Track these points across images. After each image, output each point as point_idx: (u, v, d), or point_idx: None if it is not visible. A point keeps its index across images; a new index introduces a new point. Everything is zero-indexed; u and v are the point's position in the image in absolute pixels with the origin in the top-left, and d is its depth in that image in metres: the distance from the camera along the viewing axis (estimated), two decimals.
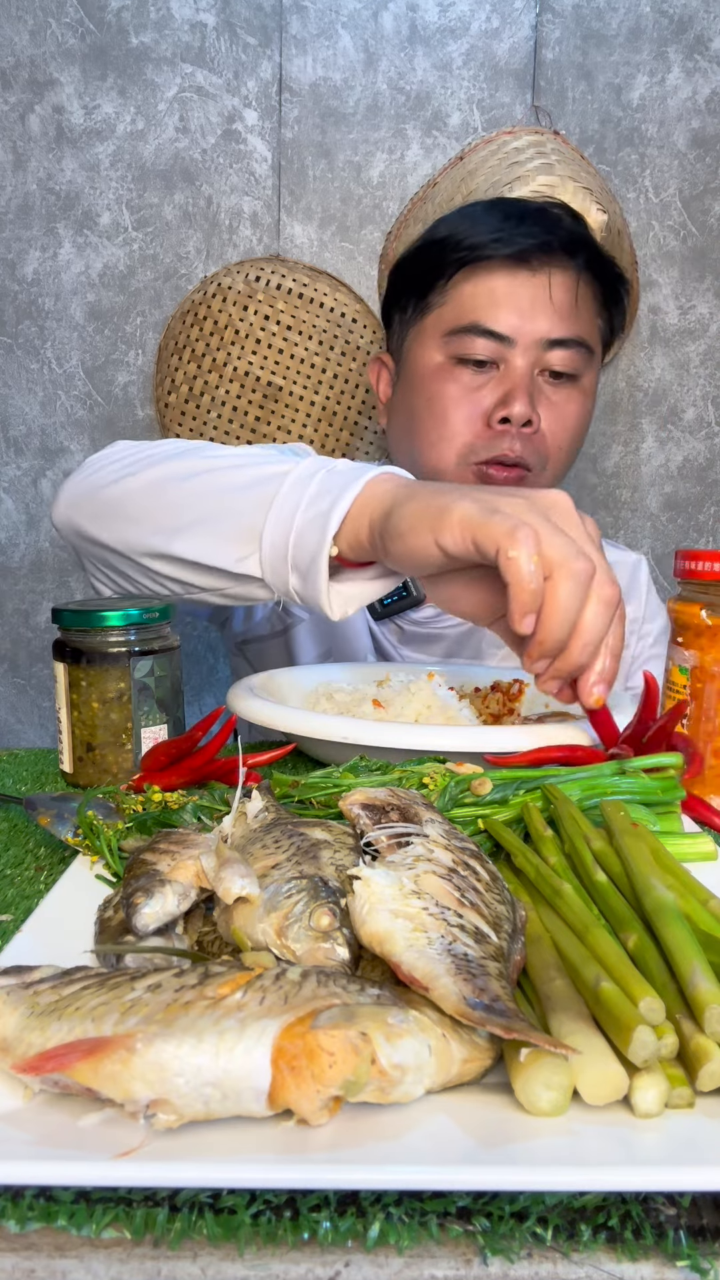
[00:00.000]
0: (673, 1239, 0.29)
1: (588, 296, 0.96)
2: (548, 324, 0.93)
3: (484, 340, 0.93)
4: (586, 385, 0.98)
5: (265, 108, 1.45)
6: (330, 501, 0.65)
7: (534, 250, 0.92)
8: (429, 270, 0.97)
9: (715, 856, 0.53)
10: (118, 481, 0.77)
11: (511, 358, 0.93)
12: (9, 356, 1.50)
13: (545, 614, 0.57)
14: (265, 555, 0.67)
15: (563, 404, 0.96)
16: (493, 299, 0.93)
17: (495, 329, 0.93)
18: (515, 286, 0.93)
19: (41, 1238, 0.29)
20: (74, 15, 1.41)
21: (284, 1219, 0.29)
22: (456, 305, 0.95)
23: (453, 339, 0.94)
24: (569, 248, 0.94)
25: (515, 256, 0.92)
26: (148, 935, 0.41)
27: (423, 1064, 0.31)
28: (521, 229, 0.93)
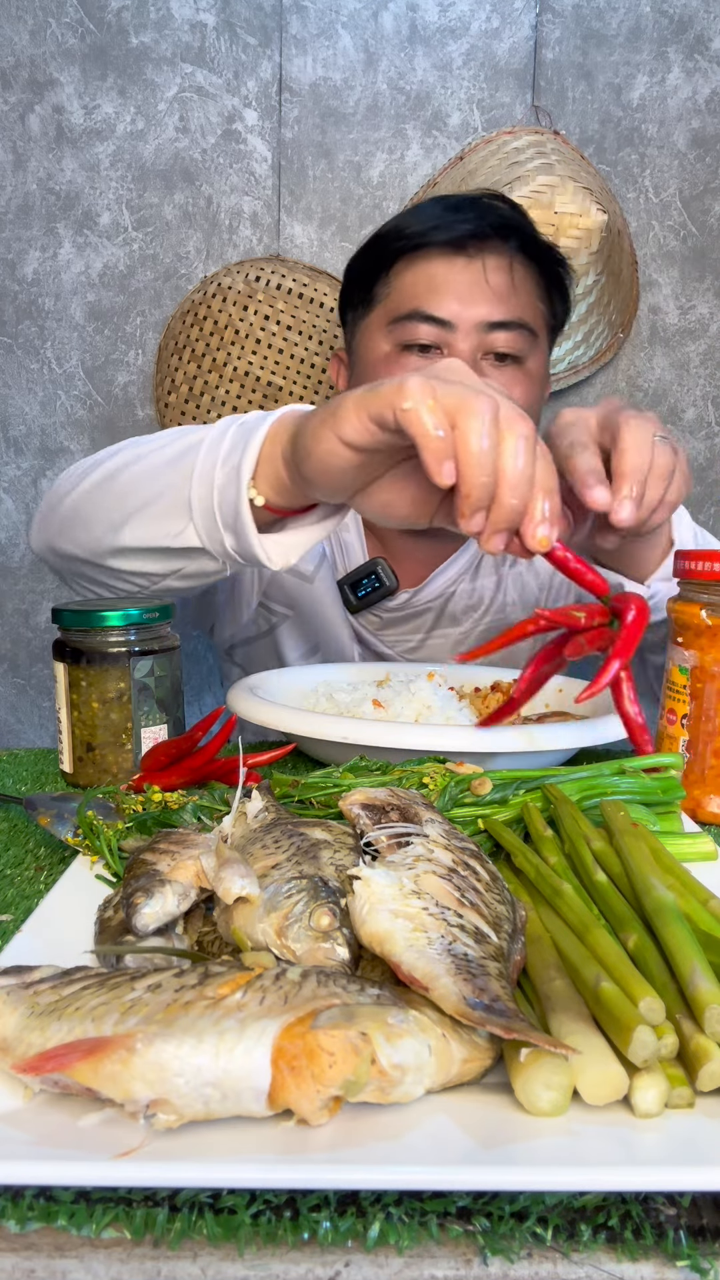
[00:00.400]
0: (673, 1239, 0.29)
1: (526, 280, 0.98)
2: (487, 307, 0.95)
3: (426, 326, 0.95)
4: (532, 368, 0.99)
5: (265, 108, 1.45)
6: (241, 451, 0.65)
7: (468, 236, 0.95)
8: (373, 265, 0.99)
9: (715, 856, 0.53)
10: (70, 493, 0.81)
11: (454, 342, 0.95)
12: (9, 356, 1.50)
13: (460, 460, 0.55)
14: (198, 522, 0.68)
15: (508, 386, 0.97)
16: (431, 285, 0.95)
17: (436, 314, 0.95)
18: (453, 272, 0.95)
19: (41, 1238, 0.29)
20: (74, 15, 1.41)
21: (284, 1219, 0.29)
22: (399, 294, 0.97)
23: (397, 327, 0.96)
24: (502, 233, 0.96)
25: (451, 243, 0.95)
26: (148, 935, 0.41)
27: (423, 1064, 0.31)
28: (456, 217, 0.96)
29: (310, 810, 0.55)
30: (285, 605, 1.07)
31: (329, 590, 1.06)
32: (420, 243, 0.96)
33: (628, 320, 1.48)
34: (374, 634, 1.07)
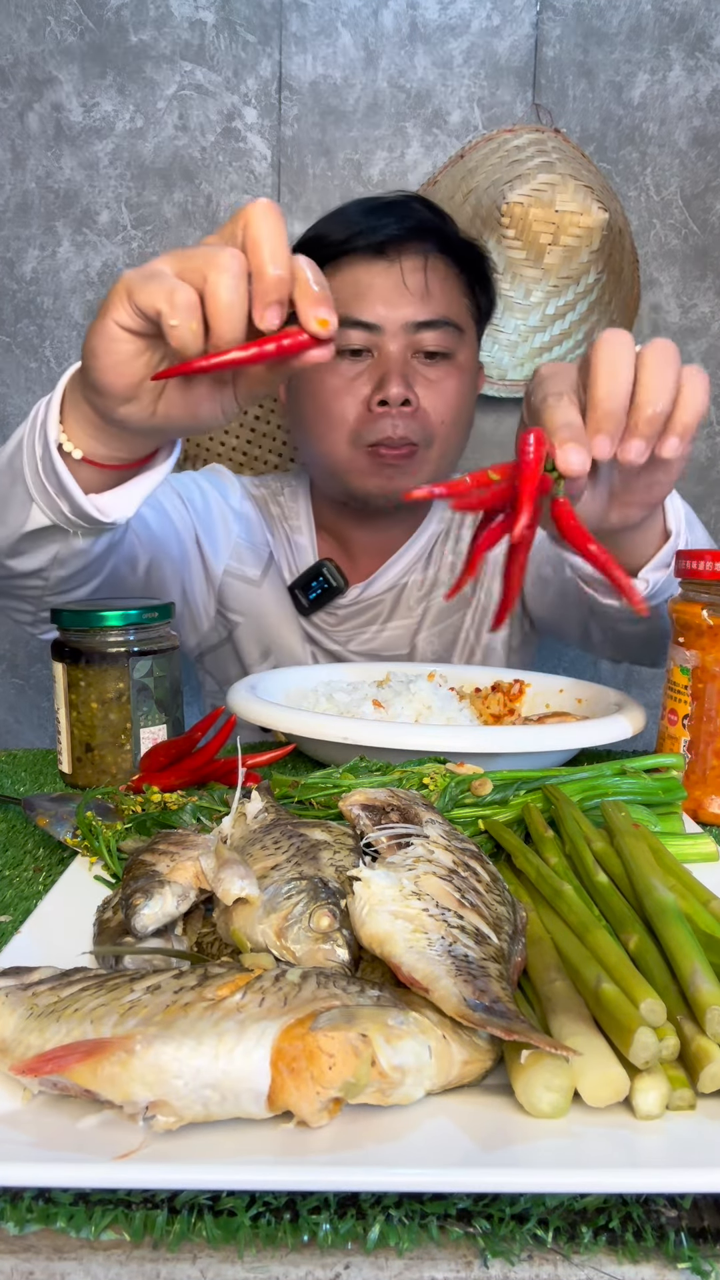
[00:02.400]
0: (674, 1241, 0.29)
1: (447, 278, 1.00)
2: (411, 309, 0.97)
3: (356, 331, 0.97)
4: (463, 362, 1.02)
5: (265, 105, 1.44)
6: (44, 411, 0.66)
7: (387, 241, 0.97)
8: None
9: (716, 857, 0.53)
10: None
11: (384, 344, 0.98)
12: (8, 355, 1.50)
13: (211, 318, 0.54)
14: (37, 498, 0.69)
15: (440, 381, 1.00)
16: (357, 291, 0.98)
17: (363, 318, 0.97)
18: (374, 276, 0.98)
19: (40, 1240, 0.29)
20: (73, 13, 1.41)
21: (284, 1221, 0.29)
22: None
23: None
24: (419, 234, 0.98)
25: (372, 248, 0.97)
26: (147, 936, 0.41)
27: (423, 1066, 0.31)
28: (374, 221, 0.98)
29: (310, 811, 0.55)
30: (238, 611, 1.09)
31: (276, 593, 1.08)
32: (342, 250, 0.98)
33: (629, 319, 1.48)
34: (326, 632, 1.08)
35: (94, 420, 0.64)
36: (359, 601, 1.08)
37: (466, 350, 1.03)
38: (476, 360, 1.07)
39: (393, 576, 1.09)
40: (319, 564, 1.06)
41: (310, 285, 0.55)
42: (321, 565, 1.05)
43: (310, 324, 0.55)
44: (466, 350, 1.03)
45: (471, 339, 1.04)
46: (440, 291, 1.00)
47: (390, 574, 1.09)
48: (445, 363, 1.01)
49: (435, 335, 0.98)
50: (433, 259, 0.99)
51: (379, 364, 0.98)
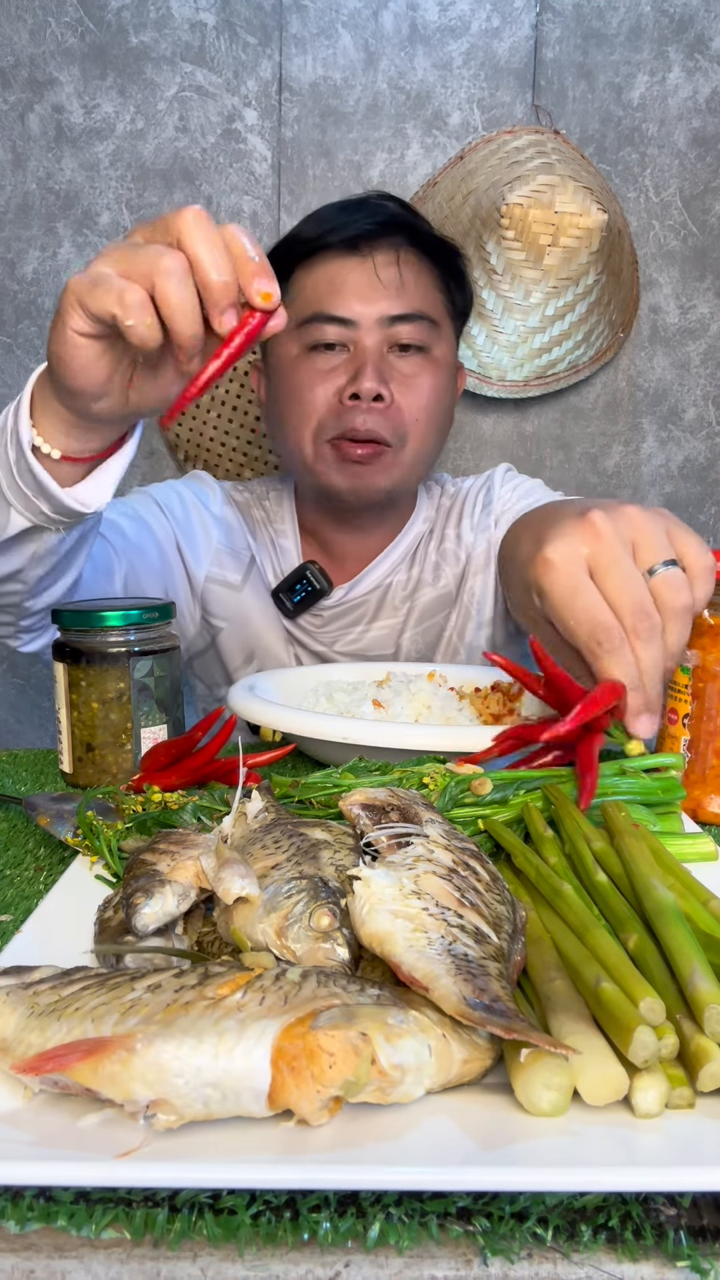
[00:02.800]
0: (673, 1239, 0.29)
1: (422, 273, 1.01)
2: (386, 302, 0.98)
3: (330, 326, 0.98)
4: (439, 357, 1.02)
5: (265, 107, 1.45)
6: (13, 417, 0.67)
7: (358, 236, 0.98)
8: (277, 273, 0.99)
9: (716, 857, 0.53)
10: None
11: (359, 338, 0.98)
12: (8, 356, 1.50)
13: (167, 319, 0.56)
14: (15, 503, 0.70)
15: (415, 375, 1.00)
16: (331, 286, 0.98)
17: (338, 313, 0.98)
18: (349, 272, 0.98)
19: (41, 1238, 0.29)
20: (74, 14, 1.41)
21: (284, 1219, 0.29)
22: (301, 298, 1.00)
23: (303, 330, 0.99)
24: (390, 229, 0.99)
25: (345, 244, 0.98)
26: (147, 935, 0.41)
27: (423, 1064, 0.31)
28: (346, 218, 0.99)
29: (310, 810, 0.55)
30: (220, 617, 1.09)
31: (258, 597, 1.08)
32: (315, 246, 0.99)
33: (628, 320, 1.48)
34: (311, 634, 1.08)
35: (67, 418, 0.65)
36: (344, 603, 1.08)
37: (443, 346, 1.03)
38: (454, 358, 1.07)
39: (377, 577, 1.09)
40: (303, 566, 1.05)
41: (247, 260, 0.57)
42: (305, 568, 1.05)
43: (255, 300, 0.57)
44: (443, 346, 1.03)
45: (448, 335, 1.04)
46: (414, 285, 1.00)
47: (374, 575, 1.09)
48: (421, 357, 1.00)
49: (410, 329, 0.98)
50: (405, 253, 1.00)
51: (354, 358, 0.98)
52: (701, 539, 0.60)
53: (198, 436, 1.46)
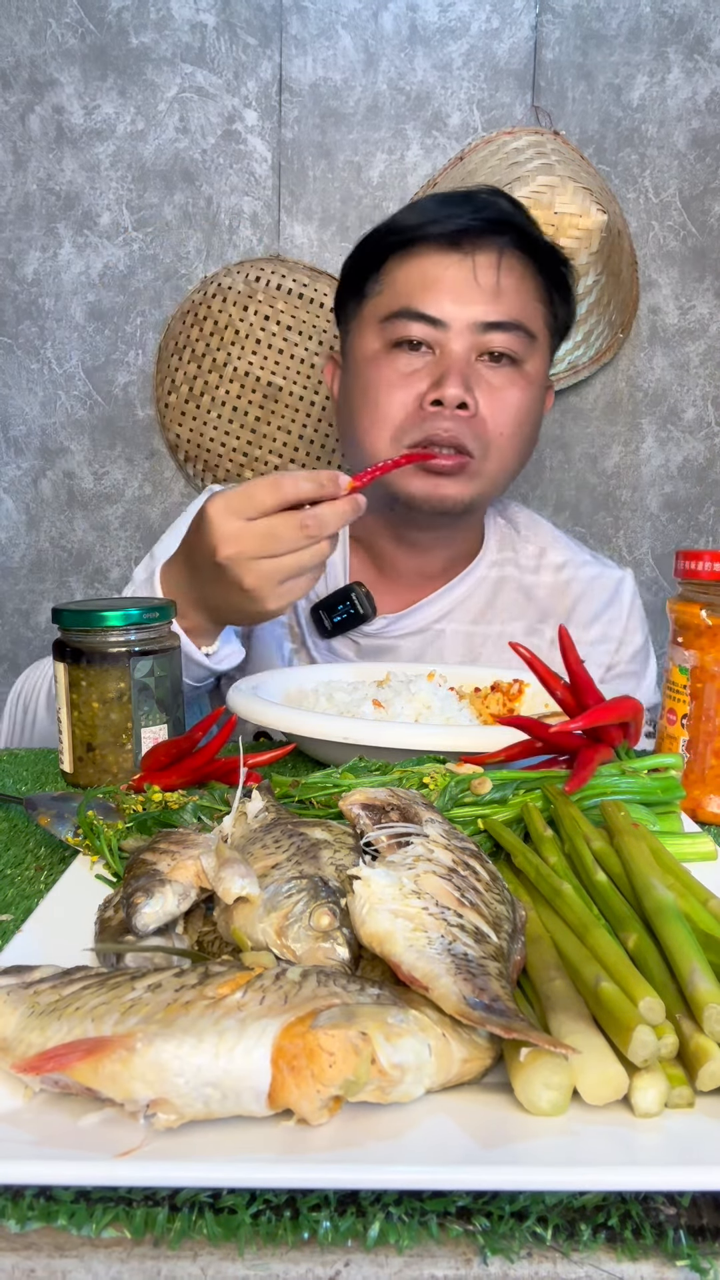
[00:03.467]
0: (672, 1238, 0.29)
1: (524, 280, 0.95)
2: (482, 307, 0.92)
3: (418, 324, 0.92)
4: (531, 372, 0.96)
5: (265, 108, 1.45)
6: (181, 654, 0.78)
7: (462, 232, 0.92)
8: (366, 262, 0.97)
9: (715, 856, 0.53)
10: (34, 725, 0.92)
11: (447, 341, 0.92)
12: (9, 356, 1.50)
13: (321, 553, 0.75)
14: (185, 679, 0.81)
15: (503, 388, 0.94)
16: (424, 282, 0.92)
17: (427, 312, 0.92)
18: (446, 269, 0.92)
19: (42, 1237, 0.29)
20: (74, 15, 1.41)
21: (284, 1219, 0.29)
22: (390, 291, 0.95)
23: (388, 325, 0.94)
24: (498, 229, 0.93)
25: (446, 239, 0.92)
26: (148, 935, 0.41)
27: (423, 1064, 0.31)
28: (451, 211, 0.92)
29: (310, 810, 0.55)
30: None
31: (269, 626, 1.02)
32: (413, 238, 0.93)
33: (628, 320, 1.48)
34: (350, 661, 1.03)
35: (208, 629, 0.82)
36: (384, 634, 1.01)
37: (536, 360, 0.96)
38: (546, 375, 1.00)
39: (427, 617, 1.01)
40: (349, 587, 0.98)
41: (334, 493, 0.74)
42: (351, 589, 0.97)
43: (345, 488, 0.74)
44: (536, 360, 0.96)
45: (543, 350, 0.98)
46: (514, 292, 0.93)
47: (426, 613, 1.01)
48: (512, 369, 0.94)
49: (504, 338, 0.92)
50: (509, 256, 0.93)
51: (439, 362, 0.93)
52: None
53: (198, 437, 1.46)
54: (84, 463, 1.53)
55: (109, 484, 1.54)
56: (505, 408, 0.94)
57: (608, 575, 1.08)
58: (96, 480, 1.54)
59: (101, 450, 1.53)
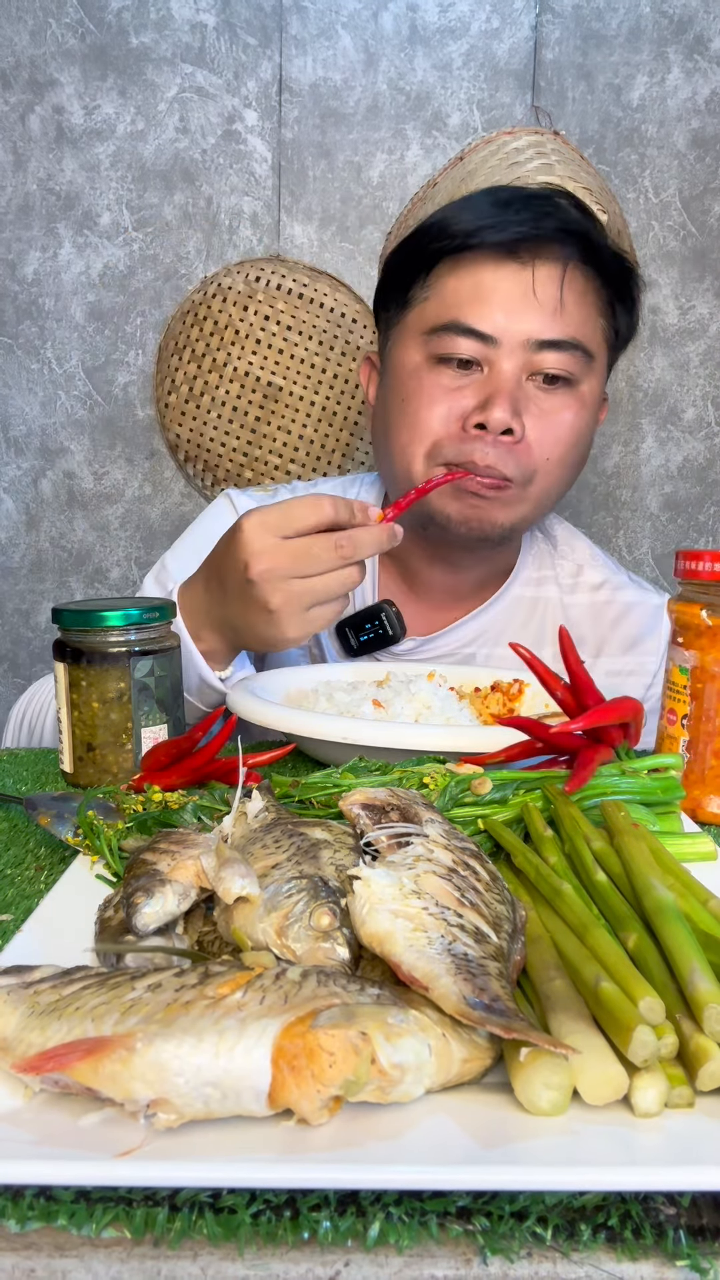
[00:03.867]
0: (672, 1238, 0.29)
1: (587, 293, 0.87)
2: (537, 323, 0.84)
3: (466, 340, 0.85)
4: (586, 393, 0.89)
5: (265, 108, 1.45)
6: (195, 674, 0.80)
7: (522, 240, 0.83)
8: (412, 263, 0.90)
9: (715, 856, 0.53)
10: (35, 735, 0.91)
11: (497, 359, 0.85)
12: (9, 356, 1.50)
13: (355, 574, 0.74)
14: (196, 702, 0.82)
15: (555, 412, 0.87)
16: (477, 294, 0.85)
17: (478, 327, 0.85)
18: (501, 280, 0.84)
19: (42, 1237, 0.29)
20: (74, 15, 1.41)
21: (284, 1219, 0.29)
22: (438, 300, 0.87)
23: (433, 337, 0.87)
24: (562, 237, 0.84)
25: (503, 247, 0.84)
26: (148, 935, 0.41)
27: (423, 1064, 0.31)
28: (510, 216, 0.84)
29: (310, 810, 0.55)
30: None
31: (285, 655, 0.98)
32: (466, 243, 0.85)
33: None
34: None
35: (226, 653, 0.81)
36: (411, 656, 0.96)
37: (593, 380, 0.89)
38: (602, 392, 0.93)
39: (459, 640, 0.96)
40: (378, 606, 0.92)
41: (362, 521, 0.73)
42: (380, 608, 0.92)
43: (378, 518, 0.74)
44: (593, 380, 0.89)
45: (600, 367, 0.91)
46: (574, 308, 0.85)
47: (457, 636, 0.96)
48: (565, 391, 0.87)
49: (559, 358, 0.85)
50: (572, 268, 0.85)
51: (488, 381, 0.86)
52: None
53: (198, 437, 1.47)
54: (84, 463, 1.53)
55: (109, 484, 1.54)
56: (554, 433, 0.87)
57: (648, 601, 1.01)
58: (96, 480, 1.54)
59: (101, 450, 1.53)
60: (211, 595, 0.78)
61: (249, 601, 0.73)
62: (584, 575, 1.01)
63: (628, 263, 0.91)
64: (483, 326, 0.85)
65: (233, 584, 0.74)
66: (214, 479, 1.49)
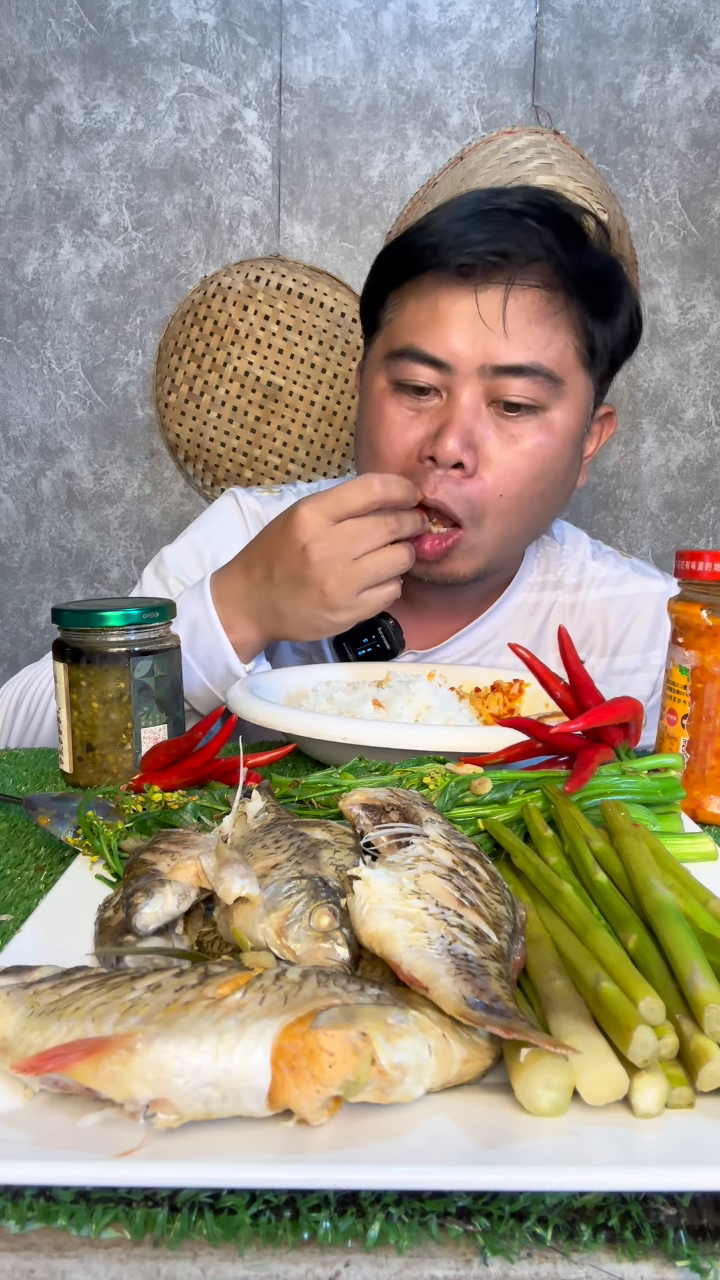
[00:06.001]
0: (673, 1239, 0.29)
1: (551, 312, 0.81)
2: (495, 348, 0.79)
3: (422, 366, 0.82)
4: (554, 421, 0.83)
5: (265, 107, 1.45)
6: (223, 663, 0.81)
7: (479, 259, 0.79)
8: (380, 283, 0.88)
9: (715, 856, 0.53)
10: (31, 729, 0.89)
11: (454, 386, 0.81)
12: (9, 356, 1.50)
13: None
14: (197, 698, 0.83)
15: (516, 442, 0.82)
16: (432, 317, 0.81)
17: (432, 353, 0.81)
18: (455, 303, 0.80)
19: (41, 1238, 0.29)
20: (74, 15, 1.41)
21: (284, 1219, 0.29)
22: (398, 324, 0.84)
23: (393, 362, 0.84)
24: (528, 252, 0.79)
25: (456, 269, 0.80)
26: (148, 935, 0.41)
27: (423, 1064, 0.31)
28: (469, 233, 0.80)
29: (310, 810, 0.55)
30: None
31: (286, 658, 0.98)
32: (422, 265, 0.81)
33: None
34: None
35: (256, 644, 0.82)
36: None
37: (566, 406, 0.83)
38: (580, 419, 0.86)
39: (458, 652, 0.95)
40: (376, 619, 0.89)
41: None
42: (379, 621, 0.89)
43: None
44: (566, 406, 0.83)
45: (576, 390, 0.84)
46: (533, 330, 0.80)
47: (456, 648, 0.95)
48: (530, 419, 0.82)
49: (521, 384, 0.80)
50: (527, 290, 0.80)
51: (443, 409, 0.82)
52: None
53: (198, 436, 1.47)
54: (84, 463, 1.53)
55: (109, 484, 1.54)
56: (511, 467, 0.82)
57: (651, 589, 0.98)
58: (96, 480, 1.54)
59: (101, 450, 1.53)
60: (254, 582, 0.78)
61: (303, 586, 0.75)
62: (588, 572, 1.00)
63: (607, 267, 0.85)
64: (436, 352, 0.81)
65: (285, 570, 0.76)
66: (214, 479, 1.49)
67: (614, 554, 1.04)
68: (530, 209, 0.82)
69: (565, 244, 0.82)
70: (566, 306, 0.82)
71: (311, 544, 0.74)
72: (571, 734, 0.56)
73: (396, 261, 0.85)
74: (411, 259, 0.83)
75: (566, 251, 0.81)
